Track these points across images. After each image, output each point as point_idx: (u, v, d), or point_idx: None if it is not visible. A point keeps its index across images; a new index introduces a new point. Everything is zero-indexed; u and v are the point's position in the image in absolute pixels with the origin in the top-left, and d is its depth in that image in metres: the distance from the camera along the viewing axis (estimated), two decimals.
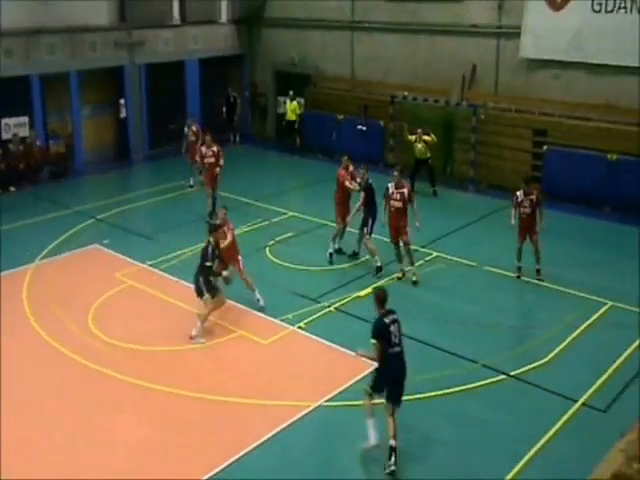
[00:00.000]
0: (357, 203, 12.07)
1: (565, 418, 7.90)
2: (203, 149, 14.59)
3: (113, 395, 8.55)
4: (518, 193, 11.60)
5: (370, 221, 11.82)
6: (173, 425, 7.96)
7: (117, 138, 19.87)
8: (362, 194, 11.91)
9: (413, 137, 16.17)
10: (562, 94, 16.02)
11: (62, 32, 17.62)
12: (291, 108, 20.08)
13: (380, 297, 7.34)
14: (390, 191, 11.48)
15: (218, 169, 14.46)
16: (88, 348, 9.51)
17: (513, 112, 16.61)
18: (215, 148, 14.53)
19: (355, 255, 12.50)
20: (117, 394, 8.56)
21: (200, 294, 9.79)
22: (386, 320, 7.23)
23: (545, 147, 15.83)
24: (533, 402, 8.35)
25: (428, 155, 16.13)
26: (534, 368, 8.93)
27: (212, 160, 14.42)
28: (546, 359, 9.13)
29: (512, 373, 8.83)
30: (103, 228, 14.26)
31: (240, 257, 10.62)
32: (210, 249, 9.67)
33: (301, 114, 20.13)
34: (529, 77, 16.60)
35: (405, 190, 11.46)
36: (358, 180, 12.21)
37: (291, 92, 20.06)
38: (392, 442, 7.14)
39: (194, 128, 16.83)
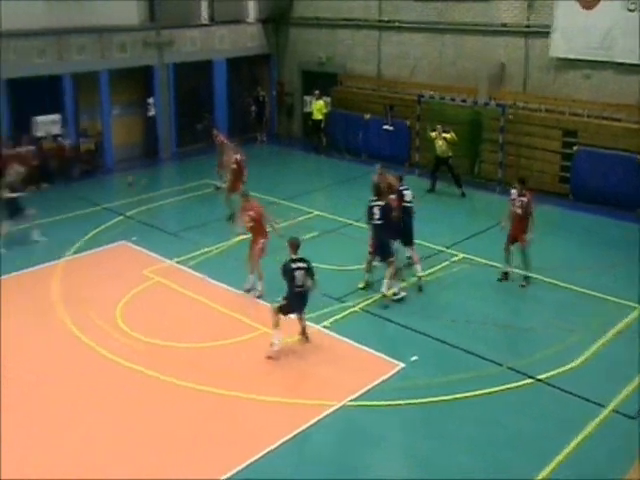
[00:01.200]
0: None
1: (594, 424, 7.79)
2: (231, 152, 14.75)
3: (137, 390, 8.65)
4: (513, 191, 11.42)
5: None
6: (195, 422, 8.01)
7: (145, 136, 20.08)
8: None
9: (434, 134, 16.13)
10: (592, 94, 15.79)
11: (92, 32, 17.89)
12: (317, 107, 20.10)
13: (293, 244, 9.29)
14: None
15: (240, 183, 14.28)
16: (115, 343, 9.65)
17: (542, 112, 16.43)
18: (238, 157, 14.51)
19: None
20: (141, 390, 8.67)
21: (388, 255, 10.65)
22: (292, 265, 9.16)
23: (575, 148, 15.62)
24: (560, 407, 8.25)
25: (450, 154, 16.08)
26: (561, 373, 8.81)
27: (234, 166, 14.45)
28: (573, 364, 9.01)
29: (538, 377, 8.73)
30: (131, 225, 14.45)
31: (263, 240, 11.06)
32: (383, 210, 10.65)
33: (327, 113, 20.13)
34: (558, 76, 16.40)
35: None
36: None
37: (317, 91, 20.09)
38: (302, 325, 9.56)
39: (219, 139, 16.65)
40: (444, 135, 15.89)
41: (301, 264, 9.24)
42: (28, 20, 16.62)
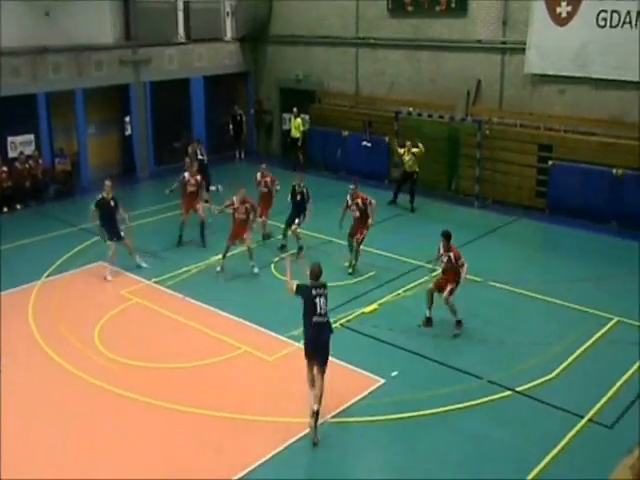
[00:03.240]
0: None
1: (571, 434, 7.83)
2: (186, 175, 14.37)
3: (115, 412, 8.50)
4: (440, 245, 10.40)
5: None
6: (175, 443, 7.89)
7: (122, 155, 19.99)
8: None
9: (402, 150, 16.48)
10: (567, 109, 16.05)
11: (68, 51, 17.81)
12: (295, 125, 20.17)
13: (314, 272, 7.99)
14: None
15: (199, 205, 14.28)
16: (93, 365, 9.49)
17: (518, 127, 16.66)
18: (198, 177, 14.43)
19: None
20: (120, 411, 8.52)
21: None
22: (313, 291, 7.90)
23: (550, 162, 15.83)
24: (539, 418, 8.28)
25: (415, 169, 16.40)
26: (540, 384, 8.85)
27: (194, 189, 14.27)
28: (551, 375, 9.06)
29: (518, 389, 8.76)
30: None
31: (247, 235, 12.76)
32: None
33: (305, 131, 20.20)
34: (534, 92, 16.65)
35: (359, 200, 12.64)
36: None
37: (295, 109, 20.17)
38: (315, 406, 7.75)
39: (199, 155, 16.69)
40: (413, 150, 16.25)
41: (322, 290, 7.96)
42: (3, 39, 16.54)
